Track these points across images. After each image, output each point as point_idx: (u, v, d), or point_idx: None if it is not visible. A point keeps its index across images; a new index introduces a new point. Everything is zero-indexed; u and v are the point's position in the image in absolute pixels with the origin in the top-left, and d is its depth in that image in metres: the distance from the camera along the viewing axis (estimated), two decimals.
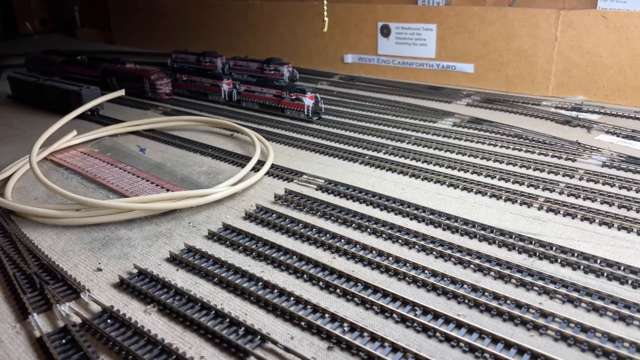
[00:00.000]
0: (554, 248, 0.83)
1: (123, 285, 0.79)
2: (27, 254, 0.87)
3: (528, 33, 1.73)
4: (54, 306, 0.73)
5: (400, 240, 0.88)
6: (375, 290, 0.75)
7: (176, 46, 2.56)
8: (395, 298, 0.73)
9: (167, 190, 1.11)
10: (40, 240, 0.93)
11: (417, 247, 0.86)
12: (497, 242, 0.86)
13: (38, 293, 0.77)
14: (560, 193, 1.03)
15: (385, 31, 2.08)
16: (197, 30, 2.81)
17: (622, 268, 0.77)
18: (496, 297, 0.72)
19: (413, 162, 1.23)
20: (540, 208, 0.98)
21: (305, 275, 0.80)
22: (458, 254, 0.82)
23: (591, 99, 1.67)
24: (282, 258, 0.84)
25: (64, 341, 0.67)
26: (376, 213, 0.98)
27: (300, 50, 2.37)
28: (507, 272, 0.77)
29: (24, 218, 1.01)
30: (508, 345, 0.64)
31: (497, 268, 0.78)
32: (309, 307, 0.72)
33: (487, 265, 0.79)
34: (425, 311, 0.70)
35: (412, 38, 2.01)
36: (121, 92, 1.37)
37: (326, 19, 1.65)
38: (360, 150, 1.33)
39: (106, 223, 0.98)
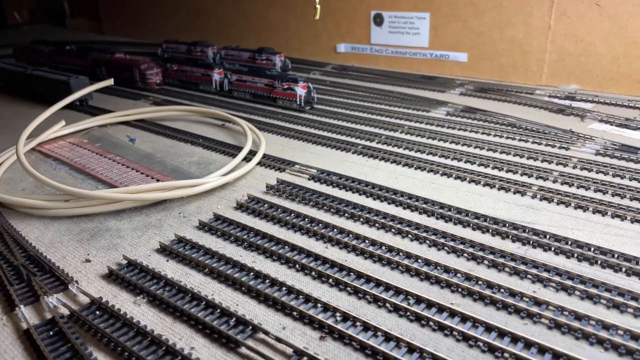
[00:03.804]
0: (548, 236, 0.83)
1: (112, 277, 0.78)
2: (14, 246, 0.86)
3: (522, 22, 1.72)
4: (42, 298, 0.72)
5: (393, 230, 0.87)
6: (368, 279, 0.74)
7: (166, 36, 2.52)
8: (388, 287, 0.72)
9: (157, 180, 1.09)
10: (27, 232, 0.92)
11: (410, 236, 0.85)
12: (490, 230, 0.86)
13: (25, 285, 0.76)
14: (554, 181, 1.03)
15: (378, 20, 2.06)
16: (188, 20, 2.78)
17: (615, 256, 0.77)
18: (490, 285, 0.72)
19: (406, 152, 1.22)
20: (533, 196, 0.97)
21: (297, 265, 0.79)
22: (451, 243, 0.82)
23: (585, 87, 1.66)
24: (274, 248, 0.83)
25: (51, 333, 0.66)
26: (369, 202, 0.97)
27: (293, 39, 2.35)
28: (501, 260, 0.77)
29: (11, 209, 0.99)
30: (502, 333, 0.63)
31: (490, 256, 0.78)
32: (301, 297, 0.71)
33: (480, 253, 0.79)
34: (419, 300, 0.70)
35: (405, 27, 1.99)
36: (110, 82, 1.35)
37: (318, 6, 1.63)
38: (353, 139, 1.32)
39: (95, 214, 0.97)
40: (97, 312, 0.70)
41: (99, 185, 1.10)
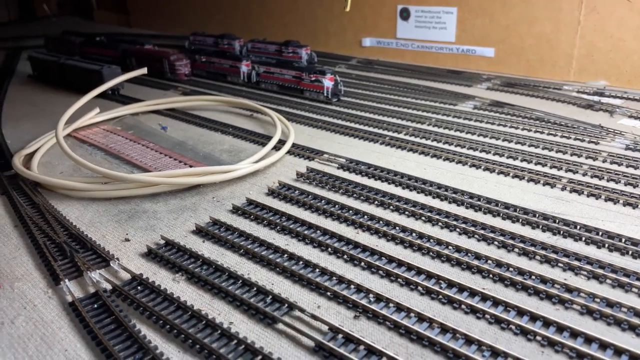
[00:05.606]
0: (578, 227, 0.83)
1: (151, 255, 0.80)
2: (56, 224, 0.89)
3: (550, 16, 1.71)
4: (85, 273, 0.75)
5: (423, 217, 0.89)
6: (400, 263, 0.76)
7: (193, 29, 2.55)
8: (419, 271, 0.74)
9: (190, 166, 1.12)
10: (68, 212, 0.95)
11: (440, 224, 0.87)
12: (520, 220, 0.86)
13: (69, 261, 0.79)
14: (584, 174, 1.03)
15: (405, 14, 2.06)
16: (214, 13, 2.81)
17: None
18: (521, 272, 0.73)
19: (434, 143, 1.23)
20: (563, 188, 0.98)
21: (329, 249, 0.81)
22: (482, 231, 0.83)
23: (613, 84, 1.65)
24: (306, 232, 0.85)
25: (95, 306, 0.69)
26: (398, 191, 0.99)
27: (318, 33, 2.36)
28: (531, 249, 0.77)
29: (51, 191, 1.03)
30: (533, 317, 0.64)
31: (521, 245, 0.78)
32: (334, 278, 0.73)
33: (510, 242, 0.79)
34: (450, 284, 0.71)
35: (431, 21, 1.99)
36: (143, 70, 1.37)
37: None
38: (380, 131, 1.33)
39: (132, 196, 1.00)
40: (138, 288, 0.72)
41: (134, 169, 1.13)
